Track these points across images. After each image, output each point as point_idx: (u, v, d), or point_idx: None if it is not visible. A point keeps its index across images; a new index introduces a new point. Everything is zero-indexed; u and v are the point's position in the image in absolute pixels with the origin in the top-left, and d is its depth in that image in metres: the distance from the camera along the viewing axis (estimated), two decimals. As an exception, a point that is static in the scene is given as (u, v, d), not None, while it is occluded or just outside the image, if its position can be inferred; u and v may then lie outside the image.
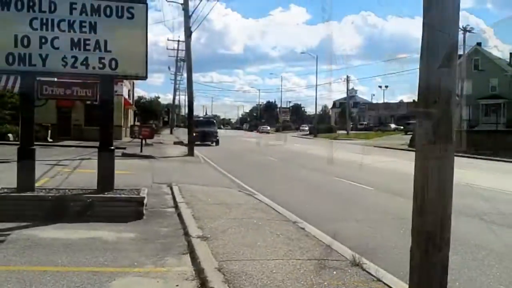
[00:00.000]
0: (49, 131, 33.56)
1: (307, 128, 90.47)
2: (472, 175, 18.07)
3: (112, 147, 9.45)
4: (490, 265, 6.85)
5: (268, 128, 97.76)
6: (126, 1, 8.98)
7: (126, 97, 45.80)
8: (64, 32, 8.66)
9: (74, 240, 7.00)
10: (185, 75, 40.50)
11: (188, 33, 27.52)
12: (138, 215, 8.71)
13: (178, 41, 65.35)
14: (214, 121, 49.99)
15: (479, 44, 62.30)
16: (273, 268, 5.73)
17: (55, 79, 10.95)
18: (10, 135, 31.69)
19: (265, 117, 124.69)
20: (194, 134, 34.49)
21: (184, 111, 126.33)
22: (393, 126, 79.90)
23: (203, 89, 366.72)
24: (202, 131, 38.37)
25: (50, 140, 32.80)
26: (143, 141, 27.55)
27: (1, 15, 8.54)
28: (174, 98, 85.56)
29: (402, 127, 72.94)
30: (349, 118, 76.57)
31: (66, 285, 5.13)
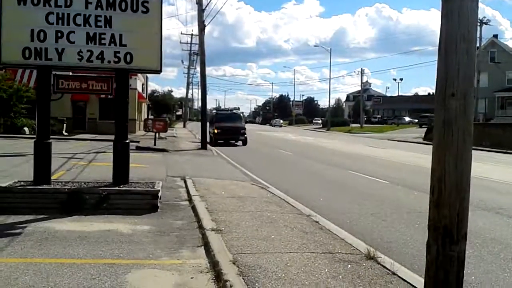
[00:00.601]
0: (64, 125, 33.89)
1: (320, 122, 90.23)
2: (487, 168, 17.89)
3: (127, 141, 9.50)
4: (507, 259, 6.78)
5: (281, 121, 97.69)
6: (140, -5, 8.98)
7: (140, 90, 46.06)
8: (80, 26, 8.71)
9: (90, 233, 7.07)
10: (198, 68, 39.83)
11: (202, 27, 27.51)
12: (152, 208, 8.77)
13: (192, 34, 65.44)
14: (241, 114, 38.21)
15: (495, 36, 61.51)
16: (288, 261, 5.73)
17: (70, 73, 11.05)
18: (25, 128, 32.09)
19: (278, 110, 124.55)
20: (215, 131, 31.13)
21: (197, 104, 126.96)
22: (407, 119, 79.29)
23: (216, 82, 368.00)
24: (226, 127, 31.10)
25: (65, 133, 33.13)
26: (157, 135, 27.68)
27: (18, 10, 8.61)
28: (187, 92, 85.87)
29: (416, 120, 72.36)
30: (362, 111, 76.16)
31: (82, 277, 5.18)
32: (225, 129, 30.78)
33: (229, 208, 8.99)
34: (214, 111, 44.67)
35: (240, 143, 31.41)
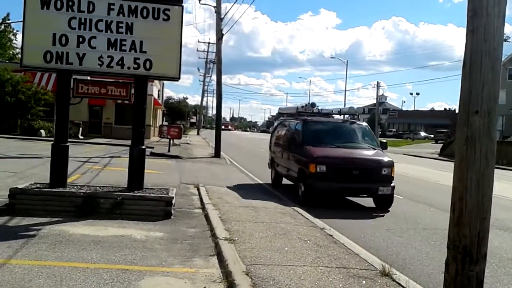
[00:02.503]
0: (81, 128, 34.19)
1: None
2: (504, 187, 17.62)
3: (143, 146, 9.54)
4: (524, 281, 6.65)
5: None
6: (162, 3, 9.06)
7: (156, 97, 46.37)
8: (101, 32, 8.80)
9: (104, 237, 7.08)
10: (213, 76, 39.90)
11: (220, 36, 27.66)
12: (166, 215, 8.76)
13: (209, 43, 66.06)
14: (366, 126, 14.44)
15: (514, 53, 60.84)
16: (301, 275, 5.67)
17: (88, 78, 11.15)
18: (42, 131, 32.45)
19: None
20: (309, 169, 11.64)
21: (211, 112, 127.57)
22: (423, 134, 78.69)
23: (230, 91, 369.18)
24: (342, 160, 12.00)
25: (81, 137, 33.41)
26: (171, 141, 27.78)
27: (41, 14, 8.73)
28: (202, 99, 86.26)
29: (432, 136, 71.77)
30: (378, 124, 75.72)
31: (96, 282, 5.18)
32: (341, 166, 11.84)
33: (242, 218, 8.95)
34: (286, 116, 18.08)
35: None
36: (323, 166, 11.52)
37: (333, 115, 16.87)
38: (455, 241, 4.03)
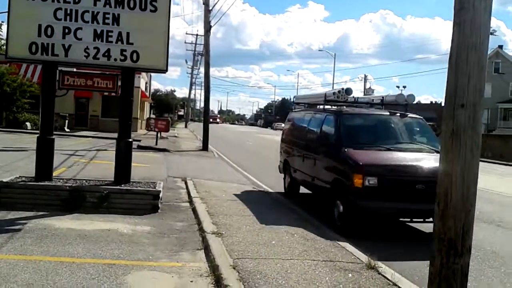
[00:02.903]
0: (67, 121, 33.88)
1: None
2: (488, 180, 17.82)
3: (130, 139, 9.47)
4: (507, 273, 6.75)
5: (283, 125, 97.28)
6: (150, -6, 8.96)
7: (143, 89, 46.09)
8: (88, 23, 8.68)
9: (90, 231, 7.03)
10: (201, 69, 39.62)
11: (208, 28, 27.51)
12: (153, 209, 8.72)
13: (197, 35, 65.71)
14: (421, 120, 10.64)
15: (500, 46, 61.49)
16: (288, 268, 5.68)
17: (74, 69, 11.02)
18: (27, 123, 32.10)
19: (280, 113, 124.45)
20: (354, 183, 8.14)
21: (199, 105, 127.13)
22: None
23: (218, 83, 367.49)
24: (402, 168, 8.46)
25: (67, 130, 33.11)
26: (159, 134, 27.64)
27: (27, 4, 8.60)
28: (190, 92, 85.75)
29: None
30: (365, 118, 76.02)
31: (82, 277, 5.14)
32: (400, 177, 8.24)
33: (229, 212, 8.94)
34: (306, 106, 13.49)
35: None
36: (374, 178, 8.00)
37: (376, 106, 11.55)
38: (440, 234, 4.05)
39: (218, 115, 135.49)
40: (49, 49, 8.60)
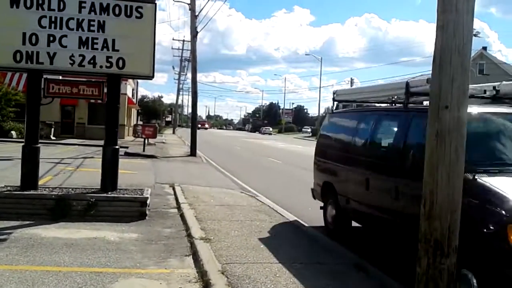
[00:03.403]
0: (52, 129, 33.57)
1: (309, 130, 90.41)
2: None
3: (117, 146, 9.40)
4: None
5: (270, 129, 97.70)
6: (135, 0, 8.93)
7: (130, 96, 45.88)
8: (73, 30, 8.63)
9: (76, 240, 6.96)
10: (189, 75, 39.53)
11: (194, 34, 27.48)
12: (141, 216, 8.66)
13: (183, 41, 65.54)
14: None
15: (484, 48, 62.19)
16: (277, 272, 5.68)
17: (60, 77, 10.93)
18: (13, 132, 31.74)
19: (268, 118, 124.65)
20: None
21: (186, 111, 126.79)
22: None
23: (206, 89, 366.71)
24: None
25: (53, 138, 32.82)
26: (146, 141, 27.50)
27: (10, 12, 8.51)
28: (177, 98, 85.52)
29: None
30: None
31: (68, 286, 5.08)
32: None
33: (218, 217, 8.92)
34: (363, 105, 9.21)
35: None
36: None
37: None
38: (426, 235, 4.09)
39: (206, 120, 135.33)
40: (34, 57, 8.53)
